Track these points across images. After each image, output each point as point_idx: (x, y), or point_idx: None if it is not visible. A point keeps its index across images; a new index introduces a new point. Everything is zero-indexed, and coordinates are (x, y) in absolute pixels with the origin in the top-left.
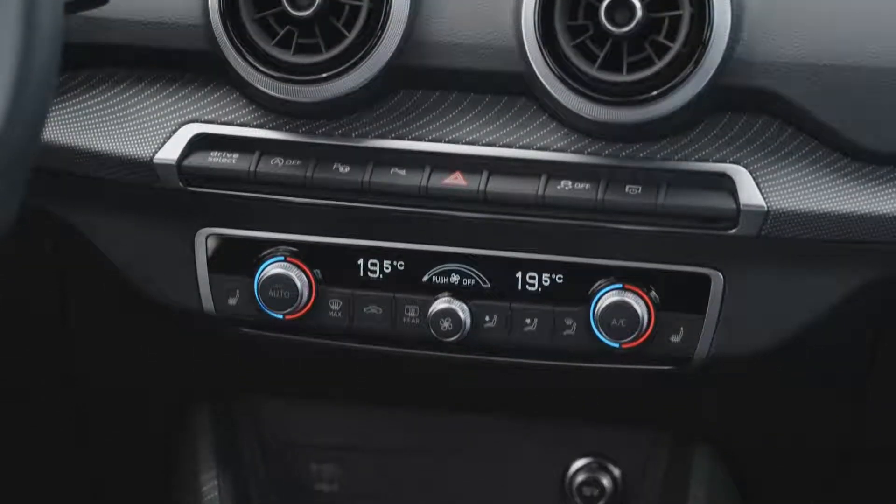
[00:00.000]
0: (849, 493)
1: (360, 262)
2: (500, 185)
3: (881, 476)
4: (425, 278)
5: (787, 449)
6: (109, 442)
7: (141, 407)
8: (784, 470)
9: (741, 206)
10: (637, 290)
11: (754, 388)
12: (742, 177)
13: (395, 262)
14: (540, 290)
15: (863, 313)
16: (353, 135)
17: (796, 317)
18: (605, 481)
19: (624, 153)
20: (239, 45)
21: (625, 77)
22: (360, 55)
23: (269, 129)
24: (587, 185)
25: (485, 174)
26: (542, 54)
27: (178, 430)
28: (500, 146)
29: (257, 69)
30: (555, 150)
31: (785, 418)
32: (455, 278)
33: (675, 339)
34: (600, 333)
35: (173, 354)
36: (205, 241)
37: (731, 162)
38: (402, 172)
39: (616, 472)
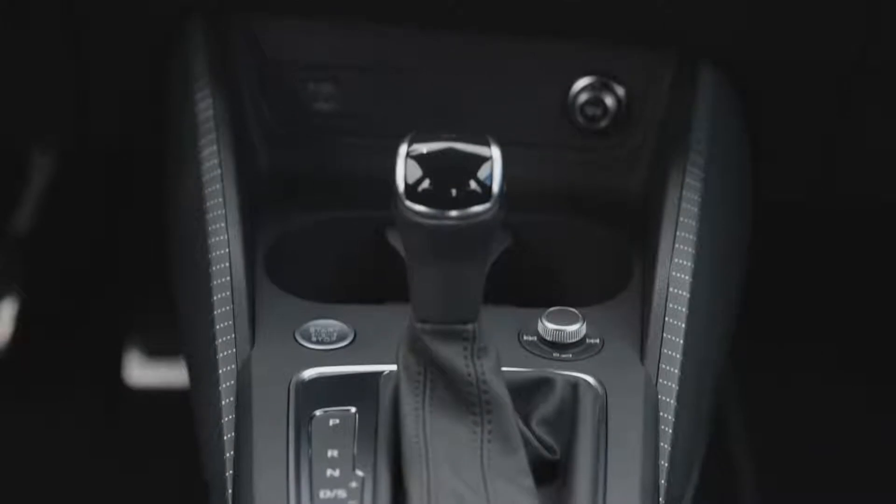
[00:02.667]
0: (853, 117)
1: None
2: None
3: (883, 99)
4: None
5: (793, 68)
6: (102, 58)
7: (135, 23)
8: (788, 90)
9: None
10: None
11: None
12: None
13: None
14: None
15: None
16: None
17: None
18: (609, 100)
19: None
20: None
21: None
22: None
23: None
24: None
25: None
26: None
27: (172, 49)
28: None
29: None
30: None
31: (791, 38)
32: None
33: None
34: None
35: None
36: None
37: None
38: None
39: (620, 90)
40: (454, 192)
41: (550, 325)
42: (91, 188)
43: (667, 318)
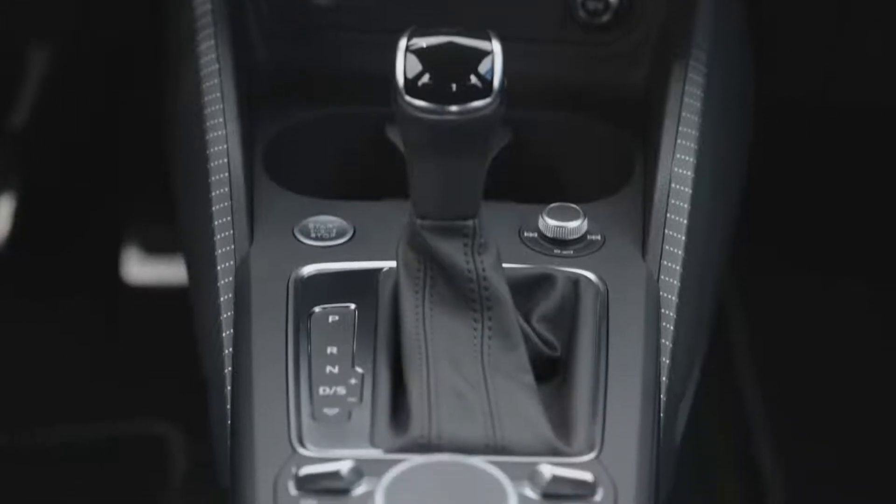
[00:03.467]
0: (853, 20)
1: None
2: None
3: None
4: None
5: None
6: None
7: None
8: None
9: None
10: None
11: None
12: None
13: None
14: None
15: None
16: None
17: None
18: None
19: None
20: None
21: None
22: None
23: None
24: None
25: None
26: None
27: None
28: None
29: None
30: None
31: None
32: None
33: None
34: None
35: None
36: None
37: None
38: None
39: None
40: (454, 86)
41: (551, 222)
42: (90, 85)
43: (668, 215)
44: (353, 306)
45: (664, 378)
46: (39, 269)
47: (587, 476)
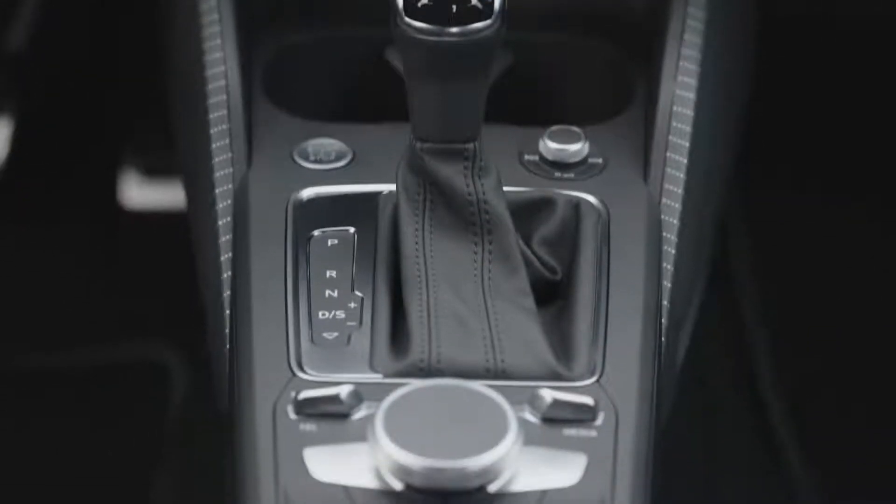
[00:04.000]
0: None
1: None
2: None
3: None
4: None
5: None
6: None
7: None
8: None
9: None
10: None
11: None
12: None
13: None
14: None
15: None
16: None
17: None
18: None
19: None
20: None
21: None
22: None
23: None
24: None
25: None
26: None
27: None
28: None
29: None
30: None
31: None
32: None
33: None
34: None
35: None
36: None
37: None
38: None
39: None
40: (454, 7)
41: (552, 145)
42: (88, 7)
43: (671, 138)
44: (352, 230)
45: (665, 302)
46: (38, 194)
47: (588, 400)
